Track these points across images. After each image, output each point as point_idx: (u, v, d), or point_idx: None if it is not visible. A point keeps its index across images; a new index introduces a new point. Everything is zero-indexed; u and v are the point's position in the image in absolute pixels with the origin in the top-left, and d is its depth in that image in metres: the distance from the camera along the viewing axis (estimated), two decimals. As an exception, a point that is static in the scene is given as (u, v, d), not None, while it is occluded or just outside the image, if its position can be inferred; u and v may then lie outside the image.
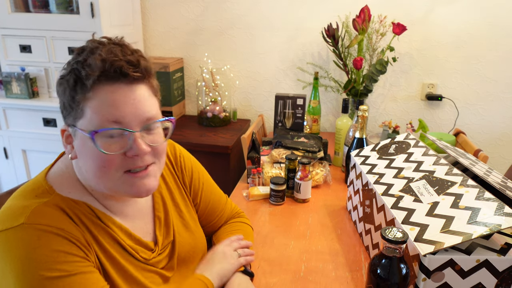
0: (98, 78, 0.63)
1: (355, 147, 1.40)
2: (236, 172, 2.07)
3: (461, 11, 1.99)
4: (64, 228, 0.65)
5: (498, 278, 0.75)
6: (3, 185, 2.38)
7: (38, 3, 2.08)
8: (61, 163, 0.75)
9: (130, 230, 0.75)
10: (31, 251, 0.61)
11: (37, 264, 0.61)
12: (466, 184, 0.88)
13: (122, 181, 0.68)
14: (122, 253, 0.73)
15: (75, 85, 0.64)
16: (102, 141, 0.64)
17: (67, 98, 0.65)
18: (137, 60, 0.65)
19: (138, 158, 0.67)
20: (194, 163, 0.96)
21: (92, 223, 0.70)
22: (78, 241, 0.66)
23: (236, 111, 2.32)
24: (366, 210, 1.08)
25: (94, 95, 0.63)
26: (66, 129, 0.68)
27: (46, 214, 0.65)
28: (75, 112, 0.65)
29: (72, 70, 0.64)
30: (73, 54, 0.67)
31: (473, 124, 2.15)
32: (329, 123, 2.32)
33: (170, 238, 0.83)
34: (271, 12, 2.17)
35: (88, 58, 0.63)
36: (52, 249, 0.62)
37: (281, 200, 1.34)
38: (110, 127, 0.64)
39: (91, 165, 0.66)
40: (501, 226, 0.72)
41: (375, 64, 1.90)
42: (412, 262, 0.77)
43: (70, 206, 0.68)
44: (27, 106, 2.11)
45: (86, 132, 0.64)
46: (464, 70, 2.07)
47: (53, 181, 0.70)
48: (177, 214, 0.88)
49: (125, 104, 0.64)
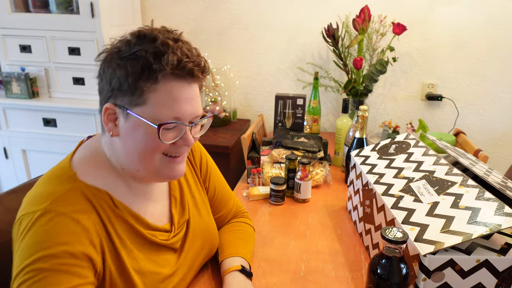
0: (170, 73, 0.67)
1: (355, 147, 1.40)
2: (236, 172, 2.08)
3: (461, 11, 1.99)
4: (81, 221, 0.67)
5: (498, 278, 0.75)
6: (3, 185, 2.38)
7: (38, 3, 2.08)
8: (84, 149, 0.77)
9: (146, 219, 0.78)
10: (39, 236, 0.64)
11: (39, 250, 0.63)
12: (466, 184, 0.88)
13: (163, 164, 0.74)
14: (137, 241, 0.76)
15: (142, 73, 0.66)
16: (161, 131, 0.69)
17: (126, 81, 0.67)
18: (203, 63, 0.71)
19: (183, 148, 0.74)
20: (202, 148, 1.01)
21: (112, 213, 0.73)
22: (90, 235, 0.68)
23: (236, 111, 2.32)
24: (366, 210, 1.08)
25: (161, 89, 0.67)
26: (112, 108, 0.70)
27: (68, 201, 0.67)
28: (134, 98, 0.67)
29: (138, 56, 0.66)
30: (129, 37, 0.69)
31: (473, 124, 2.15)
32: (329, 123, 2.32)
33: (185, 217, 0.87)
34: (271, 12, 2.17)
35: (160, 52, 0.66)
36: (59, 241, 0.64)
37: (281, 200, 1.34)
38: (171, 121, 0.69)
39: (139, 149, 0.71)
40: (501, 226, 0.72)
41: (375, 64, 1.90)
42: (412, 262, 0.77)
43: (94, 194, 0.71)
44: (27, 106, 2.12)
45: (149, 121, 0.68)
46: (464, 70, 2.07)
47: (78, 167, 0.73)
48: (190, 196, 0.91)
49: (186, 102, 0.70)
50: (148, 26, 0.72)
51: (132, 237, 0.75)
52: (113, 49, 0.70)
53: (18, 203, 0.94)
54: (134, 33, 0.70)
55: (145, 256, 0.76)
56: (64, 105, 2.08)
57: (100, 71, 0.71)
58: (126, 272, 0.72)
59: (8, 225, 0.89)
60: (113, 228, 0.72)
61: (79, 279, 0.65)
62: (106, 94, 0.70)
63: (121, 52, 0.68)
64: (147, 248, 0.77)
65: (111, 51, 0.70)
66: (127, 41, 0.69)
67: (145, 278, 0.75)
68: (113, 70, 0.68)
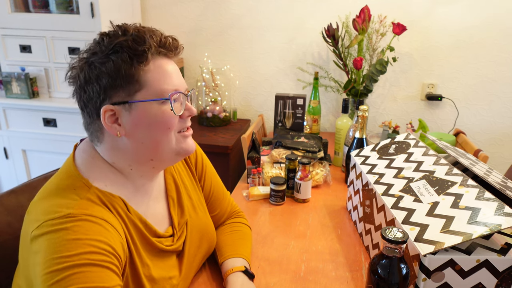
0: (155, 51, 0.70)
1: (355, 147, 1.40)
2: (236, 172, 2.07)
3: (461, 11, 1.99)
4: (111, 222, 0.67)
5: (498, 278, 0.75)
6: (3, 185, 2.38)
7: (38, 3, 2.08)
8: (84, 154, 0.75)
9: (154, 227, 0.79)
10: (69, 234, 0.61)
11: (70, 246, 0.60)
12: (466, 184, 0.88)
13: (178, 141, 0.76)
14: (146, 247, 0.76)
15: (131, 60, 0.68)
16: (173, 102, 0.72)
17: (119, 72, 0.67)
18: (178, 43, 0.76)
19: (188, 119, 0.78)
20: (197, 146, 1.00)
21: (127, 218, 0.73)
22: (120, 234, 0.68)
23: (236, 111, 2.31)
24: (366, 210, 1.08)
25: (153, 68, 0.70)
26: (110, 109, 0.69)
27: (92, 207, 0.67)
28: (132, 86, 0.69)
29: (121, 47, 0.67)
30: (97, 39, 0.70)
31: (473, 124, 2.15)
32: (329, 123, 2.32)
33: (185, 218, 0.87)
34: (271, 12, 2.17)
35: (139, 37, 0.69)
36: (91, 235, 0.62)
37: (281, 200, 1.34)
38: (173, 91, 0.72)
39: (154, 132, 0.72)
40: (501, 226, 0.72)
41: (375, 64, 1.90)
42: (412, 262, 0.77)
43: (110, 200, 0.71)
44: (27, 106, 2.12)
45: (158, 98, 0.70)
46: (464, 70, 2.07)
47: (87, 174, 0.72)
48: (187, 195, 0.91)
49: (176, 75, 0.74)
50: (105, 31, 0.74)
51: (143, 243, 0.75)
52: (86, 56, 0.69)
53: (18, 203, 0.94)
54: (98, 37, 0.70)
55: (153, 263, 0.76)
56: (64, 105, 2.08)
57: (79, 82, 0.69)
58: (139, 278, 0.72)
59: (8, 225, 0.90)
60: (129, 232, 0.72)
61: (118, 279, 0.64)
62: (98, 99, 0.69)
63: (97, 55, 0.68)
64: (154, 255, 0.78)
65: (84, 60, 0.69)
66: (97, 43, 0.69)
67: (155, 285, 0.75)
68: (99, 70, 0.67)
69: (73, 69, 0.71)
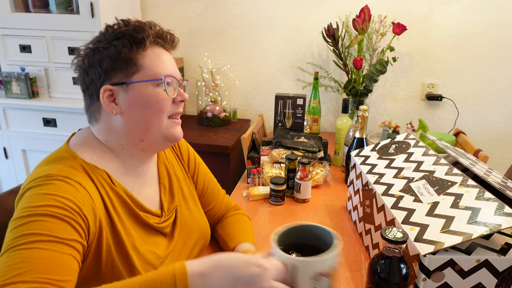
0: (153, 40, 0.78)
1: (355, 147, 1.40)
2: (236, 172, 2.07)
3: (461, 11, 1.99)
4: (87, 188, 0.71)
5: (498, 278, 0.75)
6: (3, 185, 2.38)
7: (38, 3, 2.08)
8: (78, 137, 0.82)
9: (141, 201, 0.82)
10: (42, 189, 0.67)
11: (38, 199, 0.66)
12: (466, 184, 0.88)
13: (168, 126, 0.81)
14: (132, 220, 0.80)
15: (131, 46, 0.75)
16: (166, 85, 0.78)
17: (119, 56, 0.75)
18: (174, 36, 0.84)
19: (180, 105, 0.83)
20: (188, 145, 1.07)
21: (110, 189, 0.77)
22: (93, 201, 0.71)
23: (236, 111, 2.32)
24: (366, 210, 1.08)
25: (150, 53, 0.78)
26: (109, 89, 0.76)
27: (73, 172, 0.72)
28: (129, 69, 0.76)
29: (123, 35, 0.76)
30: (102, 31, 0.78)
31: (473, 124, 2.15)
32: (329, 123, 2.32)
33: (174, 204, 0.91)
34: (271, 12, 2.17)
35: (139, 27, 0.77)
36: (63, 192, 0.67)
37: (281, 200, 1.34)
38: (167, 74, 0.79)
39: (147, 112, 0.78)
40: (501, 226, 0.72)
41: (375, 64, 1.90)
42: (412, 262, 0.77)
43: (93, 170, 0.76)
44: (27, 106, 2.12)
45: (152, 78, 0.77)
46: (464, 70, 2.07)
47: (76, 149, 0.78)
48: (178, 186, 0.95)
49: (171, 63, 0.82)
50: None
51: (128, 215, 0.79)
52: (91, 43, 0.78)
53: (18, 203, 0.94)
54: (104, 28, 0.79)
55: (138, 235, 0.80)
56: (64, 105, 2.08)
57: (83, 66, 0.77)
58: (124, 247, 0.75)
59: (8, 225, 0.89)
60: (112, 203, 0.76)
61: (78, 235, 0.67)
62: (98, 80, 0.76)
63: (101, 42, 0.76)
64: (140, 228, 0.81)
65: (90, 46, 0.77)
66: (102, 33, 0.78)
67: (140, 256, 0.78)
68: (101, 54, 0.75)
69: (79, 56, 0.78)
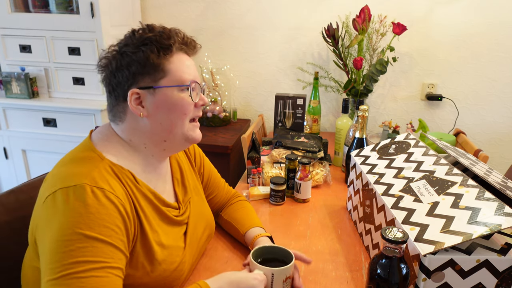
0: (178, 46, 0.81)
1: (355, 147, 1.40)
2: (236, 172, 2.07)
3: (461, 11, 1.99)
4: (119, 196, 0.73)
5: (498, 278, 0.75)
6: (3, 185, 2.38)
7: (38, 3, 2.08)
8: (99, 135, 0.83)
9: (162, 196, 0.86)
10: (83, 207, 0.68)
11: (82, 219, 0.67)
12: (466, 184, 0.88)
13: (190, 128, 0.86)
14: (157, 216, 0.84)
15: (158, 51, 0.78)
16: (192, 90, 0.82)
17: (148, 61, 0.77)
18: (193, 40, 0.86)
19: (201, 109, 0.87)
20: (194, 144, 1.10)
21: (136, 188, 0.80)
22: (126, 209, 0.74)
23: (236, 111, 2.32)
24: (366, 210, 1.08)
25: (175, 60, 0.81)
26: (136, 92, 0.79)
27: (104, 178, 0.73)
28: (156, 74, 0.79)
29: (151, 41, 0.78)
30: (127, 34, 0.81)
31: (473, 124, 2.15)
32: (329, 123, 2.32)
33: (188, 196, 0.96)
34: (271, 12, 2.17)
35: (166, 34, 0.80)
36: (101, 212, 0.69)
37: (281, 200, 1.34)
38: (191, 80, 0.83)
39: (172, 115, 0.81)
40: (501, 226, 0.72)
41: (375, 64, 1.90)
42: (412, 262, 0.77)
43: (120, 171, 0.78)
44: (27, 106, 2.12)
45: (179, 84, 0.80)
46: (464, 70, 2.07)
47: (101, 148, 0.79)
48: (188, 180, 0.99)
49: (194, 69, 0.85)
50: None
51: (152, 212, 0.82)
52: (118, 47, 0.80)
53: (18, 203, 0.94)
54: (129, 32, 0.81)
55: (162, 231, 0.83)
56: (64, 105, 2.08)
57: (111, 68, 0.79)
58: (149, 244, 0.78)
59: (8, 225, 0.90)
60: (138, 203, 0.79)
61: (124, 256, 0.72)
62: (126, 83, 0.79)
63: (128, 46, 0.78)
64: (164, 223, 0.85)
65: (118, 49, 0.79)
66: (129, 37, 0.80)
67: (165, 251, 0.81)
68: (130, 58, 0.77)
69: (104, 59, 0.80)
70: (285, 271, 0.84)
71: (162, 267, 0.80)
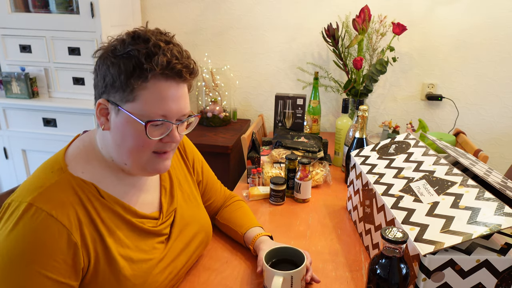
0: (159, 72, 0.71)
1: (355, 147, 1.40)
2: (236, 172, 2.08)
3: (461, 11, 1.99)
4: (59, 218, 0.69)
5: (498, 278, 0.75)
6: (3, 185, 2.38)
7: (38, 3, 2.08)
8: (78, 142, 0.81)
9: (134, 208, 0.82)
10: (24, 236, 0.66)
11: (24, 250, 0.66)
12: (466, 184, 0.88)
13: (150, 160, 0.78)
14: (126, 228, 0.79)
15: (133, 71, 0.70)
16: (149, 128, 0.73)
17: (119, 78, 0.70)
18: (192, 66, 0.75)
19: (170, 144, 0.78)
20: (193, 145, 1.08)
21: (98, 202, 0.76)
22: (69, 231, 0.70)
23: (236, 111, 2.32)
24: (366, 210, 1.08)
25: (150, 87, 0.71)
26: (104, 103, 0.74)
27: (53, 195, 0.70)
28: (125, 94, 0.71)
29: (131, 56, 0.70)
30: (125, 36, 0.73)
31: (473, 124, 2.15)
32: (329, 123, 2.32)
33: (174, 206, 0.92)
34: (271, 12, 2.17)
35: (152, 53, 0.70)
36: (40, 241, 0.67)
37: (281, 200, 1.34)
38: (158, 118, 0.73)
39: (129, 144, 0.74)
40: (501, 226, 0.72)
41: (375, 64, 1.90)
42: (412, 262, 0.77)
43: (80, 185, 0.74)
44: (27, 106, 2.12)
45: (137, 118, 0.72)
46: (464, 70, 2.07)
47: (70, 160, 0.77)
48: (179, 188, 0.96)
49: (173, 100, 0.74)
50: (143, 27, 0.76)
51: (120, 225, 0.78)
52: (109, 47, 0.73)
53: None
54: (129, 33, 0.74)
55: (133, 244, 0.79)
56: (64, 105, 2.08)
57: (95, 67, 0.75)
58: (113, 259, 0.75)
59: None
60: (99, 217, 0.75)
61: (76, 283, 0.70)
62: (100, 90, 0.74)
63: (116, 50, 0.72)
64: (136, 235, 0.81)
65: (107, 49, 0.73)
66: (122, 40, 0.73)
67: (134, 265, 0.78)
68: (107, 67, 0.72)
69: (100, 50, 0.75)
70: (302, 270, 0.86)
71: (132, 282, 0.76)
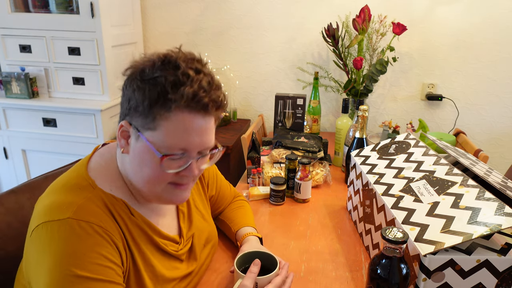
0: (184, 104, 0.66)
1: (355, 147, 1.40)
2: (236, 172, 2.07)
3: (461, 11, 1.99)
4: (107, 228, 0.69)
5: (498, 278, 0.75)
6: (3, 185, 2.38)
7: (38, 3, 2.08)
8: (99, 158, 0.78)
9: (159, 228, 0.81)
10: (70, 246, 0.64)
11: (72, 259, 0.64)
12: (467, 184, 0.88)
13: (166, 191, 0.74)
14: (151, 248, 0.79)
15: (157, 99, 0.66)
16: (166, 161, 0.69)
17: (142, 103, 0.67)
18: (220, 99, 0.70)
19: (186, 178, 0.74)
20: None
21: (129, 220, 0.75)
22: (116, 242, 0.70)
23: (236, 111, 2.31)
24: (366, 210, 1.08)
25: (173, 118, 0.67)
26: (126, 126, 0.71)
27: (91, 210, 0.68)
28: (147, 121, 0.68)
29: (158, 82, 0.66)
30: (156, 58, 0.68)
31: (473, 124, 2.15)
32: (329, 123, 2.32)
33: (192, 231, 0.91)
34: (271, 12, 2.17)
35: (179, 82, 0.66)
36: (90, 249, 0.65)
37: (281, 200, 1.34)
38: (177, 152, 0.69)
39: (145, 172, 0.71)
40: (502, 226, 0.72)
41: (375, 64, 1.90)
42: (413, 262, 0.77)
43: (112, 202, 0.72)
44: (27, 106, 2.11)
45: (155, 148, 0.68)
46: (464, 70, 2.07)
47: (95, 176, 0.74)
48: (196, 209, 0.95)
49: (196, 134, 0.70)
50: (177, 49, 0.72)
51: (147, 244, 0.78)
52: (138, 67, 0.69)
53: (18, 203, 0.94)
54: (160, 56, 0.69)
55: (158, 262, 0.79)
56: (64, 105, 2.08)
57: (123, 86, 0.72)
58: (141, 276, 0.75)
59: (8, 225, 0.89)
60: (130, 234, 0.74)
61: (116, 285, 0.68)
62: (124, 111, 0.71)
63: (144, 74, 0.68)
64: (160, 255, 0.81)
65: (136, 69, 0.69)
66: (153, 63, 0.68)
67: (158, 285, 0.78)
68: (132, 90, 0.68)
69: (130, 69, 0.71)
70: (268, 278, 0.82)
71: None
